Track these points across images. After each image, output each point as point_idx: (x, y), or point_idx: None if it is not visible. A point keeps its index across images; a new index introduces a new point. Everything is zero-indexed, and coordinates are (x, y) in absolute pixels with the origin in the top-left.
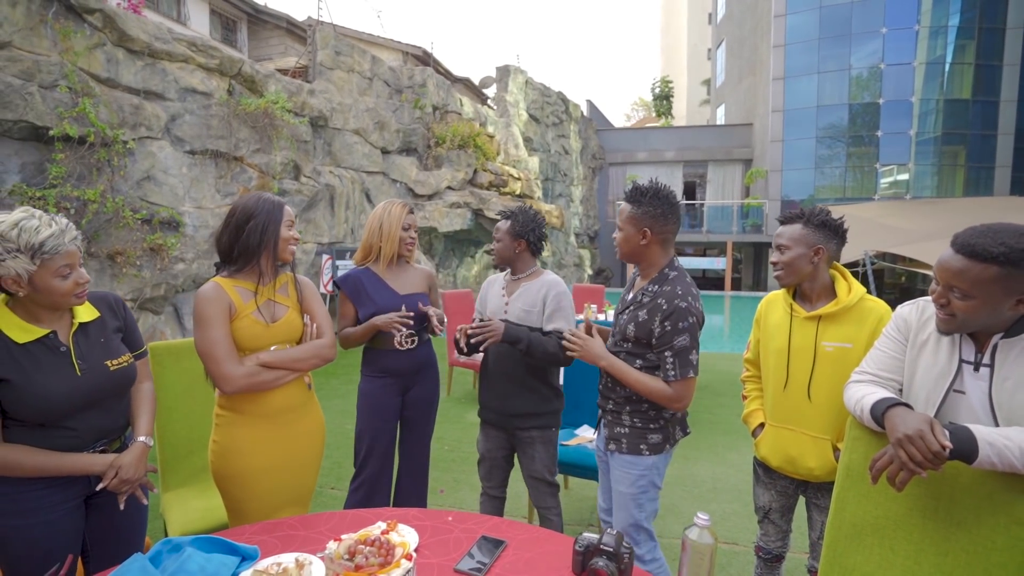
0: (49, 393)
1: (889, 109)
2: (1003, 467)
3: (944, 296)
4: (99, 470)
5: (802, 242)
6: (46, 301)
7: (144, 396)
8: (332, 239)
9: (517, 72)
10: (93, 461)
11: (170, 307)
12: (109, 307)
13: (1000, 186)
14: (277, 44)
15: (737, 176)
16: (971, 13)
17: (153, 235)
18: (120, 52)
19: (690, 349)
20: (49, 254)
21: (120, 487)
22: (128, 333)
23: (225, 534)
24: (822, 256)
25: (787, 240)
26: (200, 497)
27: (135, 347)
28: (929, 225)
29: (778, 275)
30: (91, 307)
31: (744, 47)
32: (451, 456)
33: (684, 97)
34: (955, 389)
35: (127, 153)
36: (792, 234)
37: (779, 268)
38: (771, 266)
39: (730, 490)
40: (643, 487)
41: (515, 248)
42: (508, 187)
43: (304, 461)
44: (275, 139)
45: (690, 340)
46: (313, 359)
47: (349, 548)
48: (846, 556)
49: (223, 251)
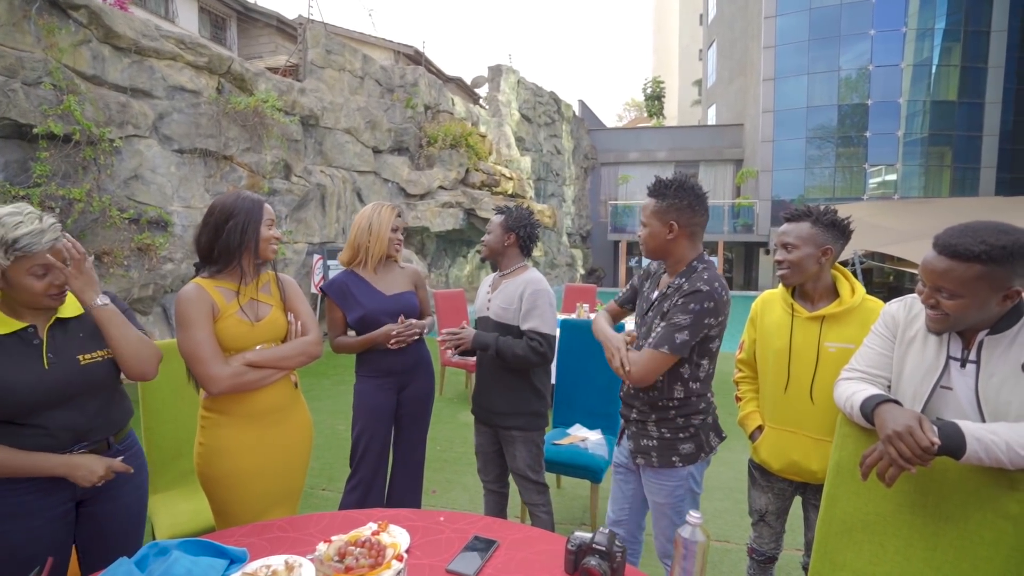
0: (12, 384)
1: (877, 110)
2: (990, 462)
3: (932, 297)
4: (60, 471)
5: (811, 241)
6: (20, 298)
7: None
8: (323, 239)
9: (509, 72)
10: (48, 461)
11: (159, 308)
12: None
13: (985, 186)
14: (267, 42)
15: (728, 176)
16: (957, 16)
17: (141, 235)
18: (106, 49)
19: (684, 328)
20: (22, 251)
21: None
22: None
23: (213, 537)
24: (829, 257)
25: (795, 239)
26: (188, 500)
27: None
28: (917, 225)
29: (783, 274)
30: (76, 304)
31: (735, 48)
32: (444, 456)
33: (675, 97)
34: (942, 385)
35: (114, 152)
36: (800, 233)
37: (785, 267)
38: (775, 264)
39: (722, 488)
40: (680, 496)
41: (504, 241)
42: (500, 187)
43: (292, 462)
44: (265, 138)
45: (691, 321)
46: (300, 356)
47: (339, 549)
48: (837, 553)
49: (203, 252)
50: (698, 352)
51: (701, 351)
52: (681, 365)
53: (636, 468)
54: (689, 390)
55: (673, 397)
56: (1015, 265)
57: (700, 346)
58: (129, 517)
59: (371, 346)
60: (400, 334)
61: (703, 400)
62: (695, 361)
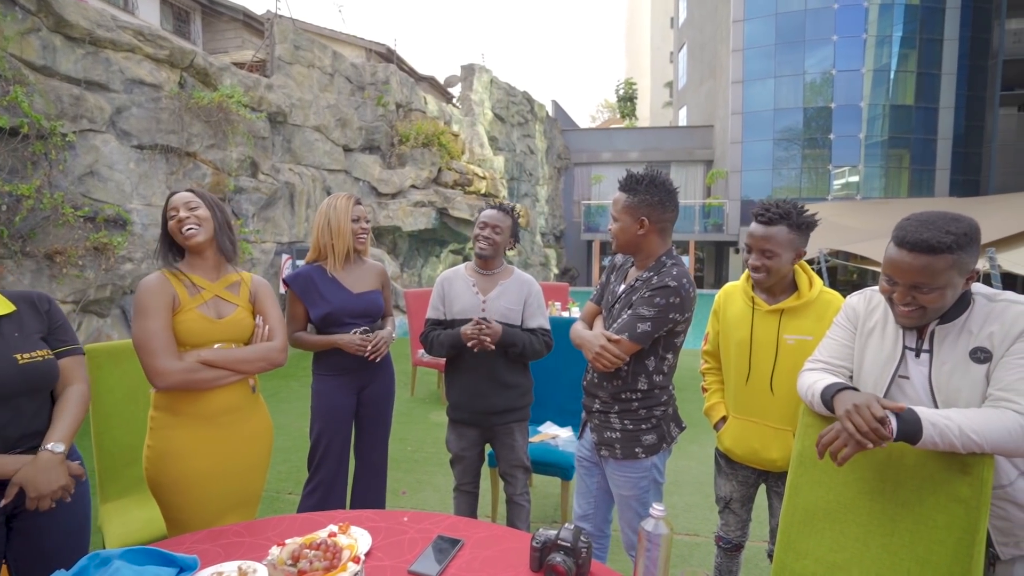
0: None
1: (840, 113)
2: (944, 446)
3: (908, 295)
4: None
5: (789, 247)
6: None
7: (69, 398)
8: (292, 238)
9: (482, 71)
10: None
11: (117, 309)
12: (31, 304)
13: (940, 188)
14: (233, 37)
15: (699, 176)
16: (913, 25)
17: (97, 233)
18: (57, 39)
19: (647, 319)
20: None
21: (35, 504)
22: (54, 332)
23: (164, 544)
24: (801, 256)
25: (774, 246)
26: (142, 507)
27: (62, 345)
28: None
29: (760, 278)
30: (7, 302)
31: (705, 51)
32: (414, 457)
33: (648, 99)
34: (900, 375)
35: (67, 146)
36: (780, 239)
37: (762, 272)
38: (752, 270)
39: (691, 482)
40: (644, 487)
41: (508, 245)
42: (473, 186)
43: (249, 464)
44: (231, 134)
45: (655, 313)
46: (260, 362)
47: (293, 553)
48: (800, 540)
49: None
50: (663, 346)
51: (667, 345)
52: (647, 357)
53: (599, 461)
54: (653, 382)
55: (637, 389)
56: (973, 247)
57: (666, 340)
58: (69, 533)
59: (330, 347)
60: (376, 350)
61: (665, 392)
62: (660, 355)
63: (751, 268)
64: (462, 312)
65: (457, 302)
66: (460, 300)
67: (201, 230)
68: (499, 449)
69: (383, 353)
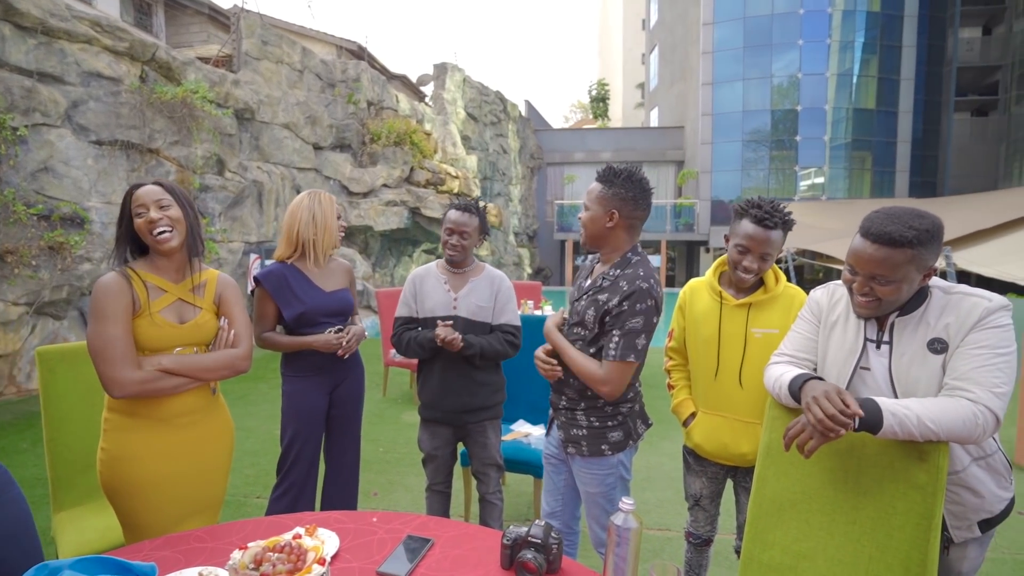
0: None
1: (806, 116)
2: (903, 435)
3: (866, 285)
4: None
5: (779, 247)
6: None
7: None
8: (260, 238)
9: (455, 70)
10: None
11: (74, 311)
12: None
13: (900, 189)
14: (198, 31)
15: (670, 177)
16: (874, 31)
17: (52, 232)
18: (6, 28)
19: (640, 332)
20: None
21: None
22: None
23: (120, 552)
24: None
25: (773, 249)
26: (99, 516)
27: None
28: (842, 224)
29: (750, 279)
30: None
31: (675, 53)
32: (386, 458)
33: (620, 99)
34: (862, 366)
35: (18, 141)
36: (777, 242)
37: (753, 273)
38: (744, 272)
39: (663, 478)
40: (611, 484)
41: (478, 243)
42: (446, 185)
43: (209, 467)
44: (195, 131)
45: (643, 323)
46: (223, 370)
47: (256, 556)
48: (767, 532)
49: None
50: None
51: None
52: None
53: (566, 458)
54: None
55: None
56: (934, 245)
57: None
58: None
59: (303, 348)
60: (349, 345)
61: (631, 389)
62: None
63: (744, 270)
64: (433, 310)
65: (428, 299)
66: (431, 297)
67: (175, 234)
68: (472, 447)
69: (352, 349)
